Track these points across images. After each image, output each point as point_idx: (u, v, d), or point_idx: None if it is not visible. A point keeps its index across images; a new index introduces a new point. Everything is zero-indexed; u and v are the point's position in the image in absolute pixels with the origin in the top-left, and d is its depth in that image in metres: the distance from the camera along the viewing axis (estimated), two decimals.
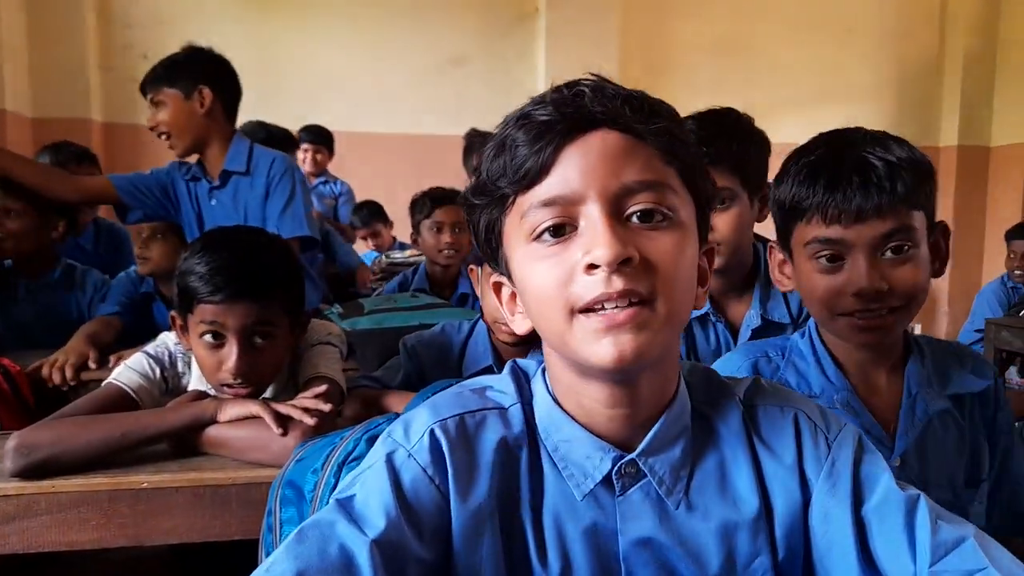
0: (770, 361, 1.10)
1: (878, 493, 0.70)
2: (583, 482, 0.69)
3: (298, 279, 1.40)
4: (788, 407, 0.74)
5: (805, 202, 0.98)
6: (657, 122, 0.65)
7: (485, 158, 0.68)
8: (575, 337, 0.63)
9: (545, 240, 0.64)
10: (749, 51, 5.52)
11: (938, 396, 1.04)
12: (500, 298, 0.75)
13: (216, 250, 1.30)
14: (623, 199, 0.63)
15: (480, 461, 0.69)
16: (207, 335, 1.29)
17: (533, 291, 0.65)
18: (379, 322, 1.90)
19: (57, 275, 2.30)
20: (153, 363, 1.41)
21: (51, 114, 4.45)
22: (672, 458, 0.69)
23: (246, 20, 4.88)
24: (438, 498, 0.67)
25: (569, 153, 0.63)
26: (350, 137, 4.70)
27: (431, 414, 0.71)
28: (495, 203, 0.68)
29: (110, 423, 1.24)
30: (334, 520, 0.64)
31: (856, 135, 1.00)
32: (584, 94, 0.64)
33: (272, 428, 1.21)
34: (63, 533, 1.17)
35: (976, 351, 1.17)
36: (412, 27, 5.08)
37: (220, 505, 1.20)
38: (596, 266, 0.60)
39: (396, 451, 0.69)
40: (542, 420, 0.71)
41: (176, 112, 2.12)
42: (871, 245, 0.95)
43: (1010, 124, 5.77)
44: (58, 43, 4.46)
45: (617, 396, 0.67)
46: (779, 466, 0.72)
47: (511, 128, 0.65)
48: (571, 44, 4.95)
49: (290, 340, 1.39)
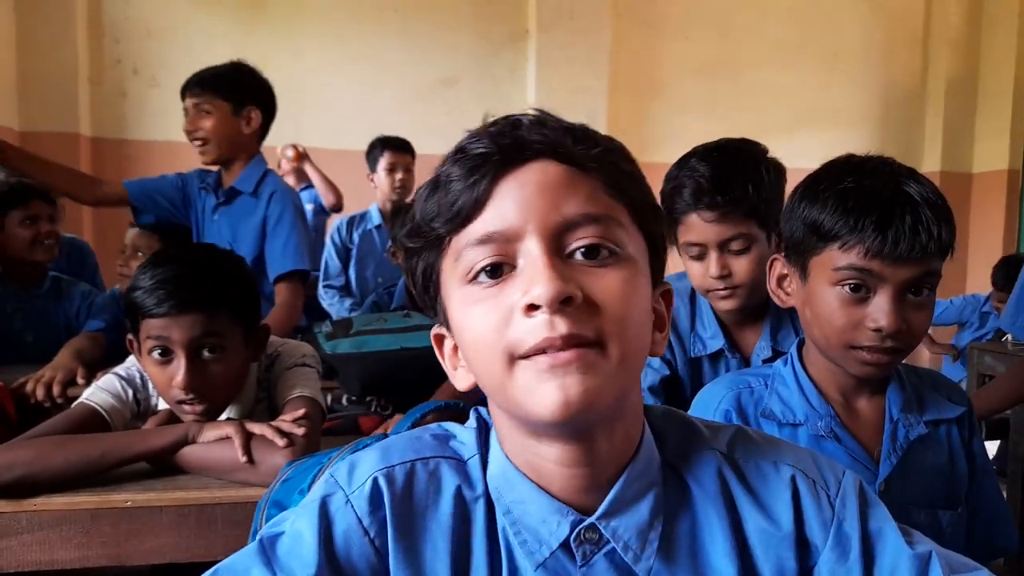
0: (752, 392, 1.09)
1: (888, 556, 0.65)
2: (537, 549, 0.62)
3: (249, 291, 1.39)
4: (782, 464, 0.67)
5: (847, 232, 0.95)
6: (601, 155, 0.60)
7: (419, 198, 0.63)
8: (516, 385, 0.57)
9: (481, 281, 0.58)
10: (737, 73, 5.58)
11: (917, 421, 1.05)
12: (442, 352, 0.68)
13: (160, 265, 1.29)
14: (564, 234, 0.58)
15: (428, 520, 0.63)
16: (155, 351, 1.27)
17: (470, 338, 0.60)
18: (360, 345, 1.88)
19: (46, 287, 2.37)
20: (125, 384, 1.40)
21: (39, 128, 4.43)
22: (638, 520, 0.62)
23: (236, 37, 4.89)
24: (371, 556, 0.61)
25: (505, 186, 0.58)
26: (339, 155, 4.70)
27: (380, 458, 0.64)
28: (430, 246, 0.62)
29: (89, 443, 1.23)
30: (251, 565, 0.60)
31: (890, 167, 0.99)
32: (521, 124, 0.60)
33: (239, 454, 1.20)
34: (45, 552, 1.16)
35: (950, 379, 1.18)
36: (403, 46, 5.11)
37: (205, 525, 1.19)
38: (536, 307, 0.55)
39: (334, 495, 0.63)
40: (494, 478, 0.64)
41: (221, 124, 2.17)
42: (902, 285, 0.95)
43: (992, 151, 5.85)
44: (47, 56, 4.45)
45: (571, 454, 0.60)
46: (773, 529, 0.65)
47: (447, 165, 0.61)
48: (561, 65, 4.99)
49: (244, 353, 1.36)
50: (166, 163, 4.34)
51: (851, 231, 0.95)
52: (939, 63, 5.95)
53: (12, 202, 2.28)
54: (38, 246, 2.30)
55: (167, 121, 4.82)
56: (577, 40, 5.03)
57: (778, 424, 1.06)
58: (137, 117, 4.77)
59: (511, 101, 5.16)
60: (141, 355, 1.31)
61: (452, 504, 0.63)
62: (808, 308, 1.04)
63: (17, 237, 2.29)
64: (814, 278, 1.02)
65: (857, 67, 5.90)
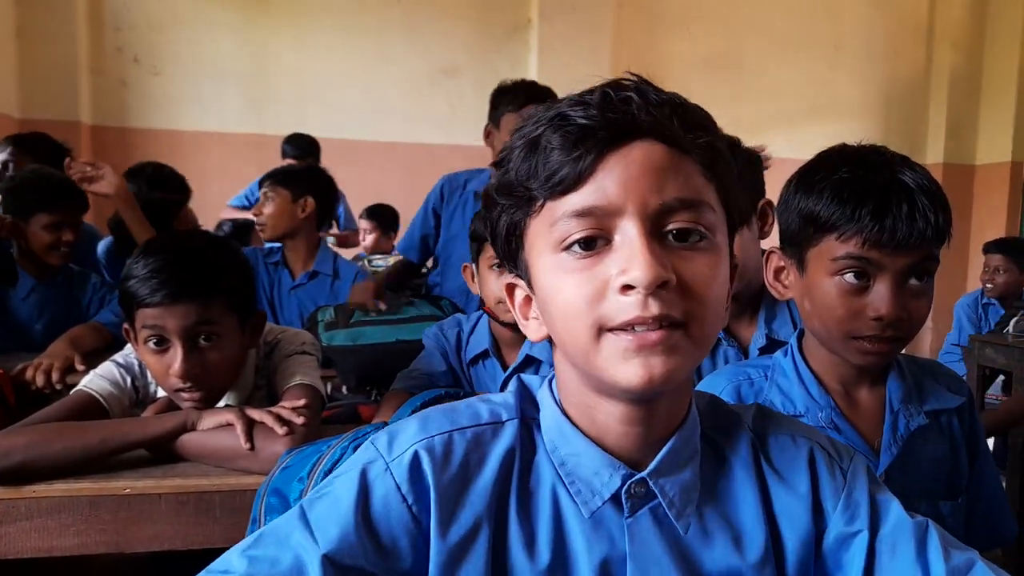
0: (752, 384, 1.09)
1: (890, 521, 0.69)
2: (591, 499, 0.65)
3: (244, 278, 1.38)
4: (800, 436, 0.72)
5: (845, 222, 0.96)
6: (701, 136, 0.61)
7: (513, 156, 0.63)
8: (601, 355, 0.59)
9: (575, 252, 0.60)
10: (739, 67, 5.57)
11: (917, 412, 1.05)
12: (512, 301, 0.70)
13: (153, 254, 1.28)
14: (662, 216, 0.59)
15: (468, 487, 0.65)
16: (150, 340, 1.26)
17: (559, 304, 0.61)
18: (355, 337, 1.89)
19: (60, 277, 2.38)
20: (123, 371, 1.40)
21: (39, 116, 4.42)
22: (683, 480, 0.66)
23: (239, 27, 4.88)
24: (409, 522, 0.64)
25: (609, 163, 0.59)
26: (341, 145, 4.70)
27: (419, 429, 0.67)
28: (520, 205, 0.63)
29: (89, 430, 1.23)
30: (292, 529, 0.63)
31: (884, 156, 0.99)
32: (632, 100, 0.60)
33: (241, 440, 1.21)
34: (43, 539, 1.16)
35: (950, 368, 1.18)
36: (405, 37, 5.09)
37: (204, 512, 1.19)
38: (631, 287, 0.57)
39: (374, 462, 0.65)
40: (549, 431, 0.68)
41: (280, 210, 2.49)
42: (901, 272, 0.95)
43: (995, 143, 5.85)
44: (48, 44, 4.44)
45: (633, 414, 0.64)
46: (792, 496, 0.69)
47: (544, 127, 0.61)
48: (563, 57, 4.98)
49: (241, 340, 1.35)
50: (166, 151, 4.35)
51: (848, 220, 0.95)
52: (942, 56, 5.94)
53: (41, 204, 2.27)
54: (54, 252, 2.30)
55: (168, 109, 4.82)
56: (579, 31, 5.03)
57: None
58: (138, 106, 4.77)
59: None
60: (137, 344, 1.31)
61: (490, 470, 0.66)
62: (807, 300, 1.03)
63: (37, 237, 2.28)
64: (812, 269, 1.01)
65: (860, 60, 5.88)
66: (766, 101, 5.46)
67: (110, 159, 4.66)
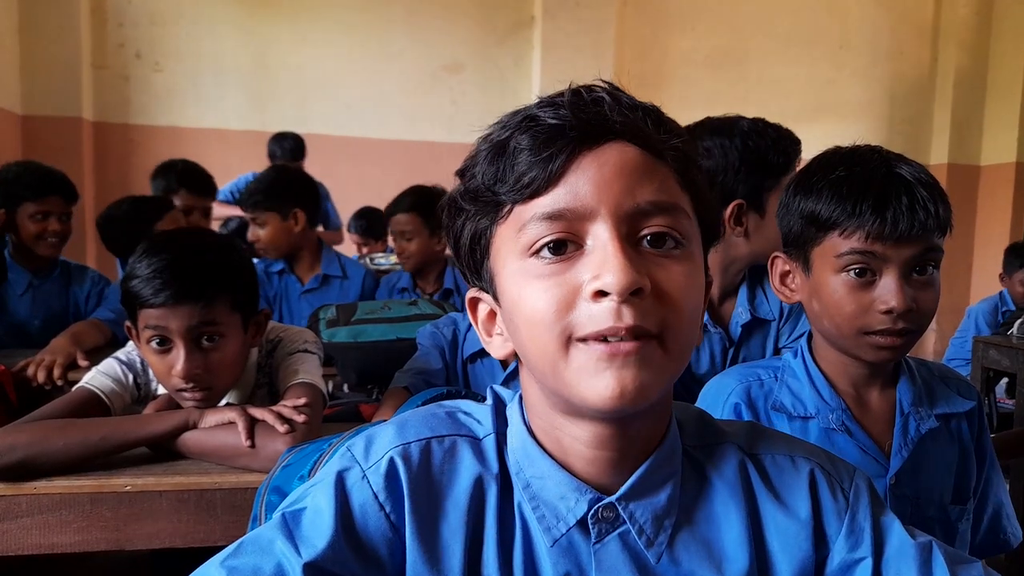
0: (763, 384, 1.08)
1: (893, 545, 0.66)
2: (555, 525, 0.62)
3: (247, 276, 1.37)
4: (799, 457, 0.69)
5: (846, 218, 0.96)
6: (674, 141, 0.60)
7: (477, 158, 0.61)
8: (570, 368, 0.56)
9: (544, 257, 0.57)
10: (743, 66, 5.56)
11: (928, 415, 1.05)
12: (475, 317, 0.67)
13: (156, 253, 1.27)
14: (637, 220, 0.57)
15: (444, 498, 0.63)
16: (153, 340, 1.26)
17: (525, 312, 0.58)
18: (356, 335, 1.89)
19: (56, 272, 2.39)
20: (125, 368, 1.39)
21: (41, 112, 4.42)
22: (656, 505, 0.63)
23: (241, 23, 4.88)
24: (387, 530, 0.62)
25: (582, 164, 0.57)
26: (343, 142, 4.70)
27: (396, 434, 0.65)
28: (487, 211, 0.61)
29: (89, 427, 1.22)
30: (274, 537, 0.61)
31: (878, 153, 1.00)
32: (604, 101, 0.58)
33: (242, 438, 1.20)
34: (44, 535, 1.15)
35: (959, 373, 1.17)
36: (408, 33, 5.09)
37: (204, 510, 1.18)
38: (605, 293, 0.54)
39: (350, 469, 0.63)
40: (514, 452, 0.64)
41: (276, 232, 2.50)
42: (906, 264, 0.96)
43: (1000, 143, 5.83)
44: (51, 40, 4.44)
45: (603, 437, 0.61)
46: (790, 520, 0.66)
47: (512, 130, 0.59)
48: (566, 54, 4.98)
49: (243, 339, 1.35)
50: (168, 147, 4.35)
51: (850, 216, 0.96)
52: (948, 56, 5.93)
53: (27, 193, 2.28)
54: (42, 242, 2.31)
55: (170, 106, 4.82)
56: (583, 29, 5.02)
57: (788, 417, 1.05)
58: (140, 101, 4.77)
59: (515, 89, 5.16)
60: (140, 343, 1.30)
61: (467, 482, 0.63)
62: (815, 300, 1.03)
63: (24, 228, 2.29)
64: (817, 269, 1.02)
65: (865, 59, 5.87)
66: (770, 100, 5.44)
67: (111, 155, 4.69)
